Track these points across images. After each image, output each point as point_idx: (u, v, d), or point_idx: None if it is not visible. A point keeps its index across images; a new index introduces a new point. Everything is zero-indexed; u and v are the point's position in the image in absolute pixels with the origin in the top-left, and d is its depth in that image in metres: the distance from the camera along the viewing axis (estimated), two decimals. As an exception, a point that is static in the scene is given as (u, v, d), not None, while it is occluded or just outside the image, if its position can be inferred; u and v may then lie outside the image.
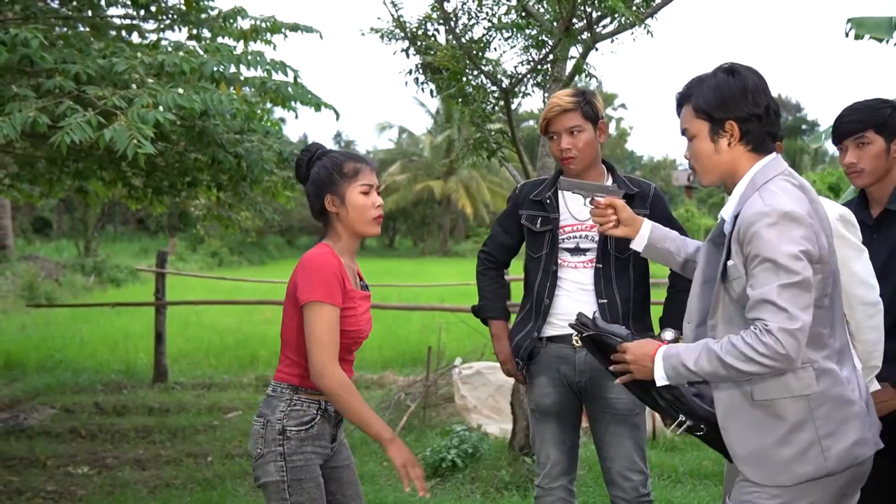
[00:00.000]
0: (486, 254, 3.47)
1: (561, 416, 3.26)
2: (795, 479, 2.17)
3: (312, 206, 2.70)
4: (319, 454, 2.64)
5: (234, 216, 7.33)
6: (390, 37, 5.35)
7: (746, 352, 2.08)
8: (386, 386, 8.42)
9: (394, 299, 13.19)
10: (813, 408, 2.16)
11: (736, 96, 2.25)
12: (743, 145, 2.28)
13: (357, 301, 2.64)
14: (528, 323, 3.27)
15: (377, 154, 42.93)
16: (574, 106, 3.15)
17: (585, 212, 3.17)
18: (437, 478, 5.32)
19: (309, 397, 2.63)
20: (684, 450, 5.96)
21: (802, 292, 2.07)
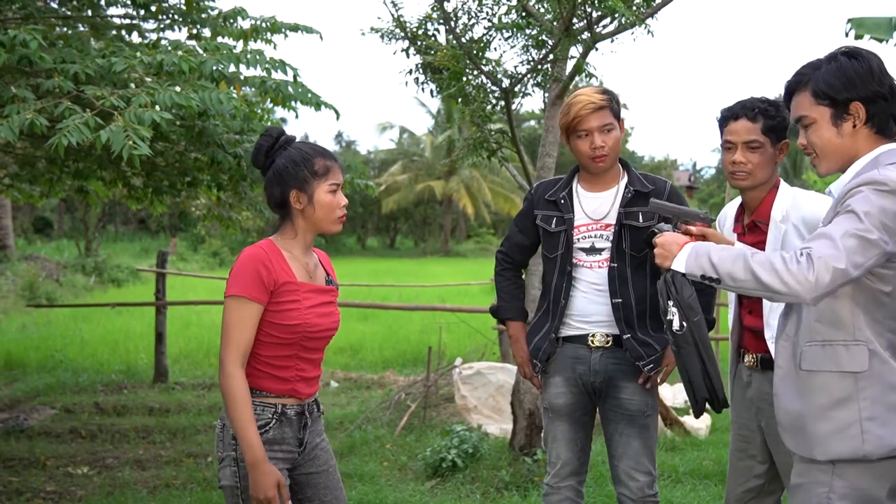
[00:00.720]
0: (503, 254, 3.45)
1: (574, 417, 3.26)
2: (827, 455, 2.16)
3: (271, 197, 2.58)
4: (280, 459, 2.52)
5: (234, 216, 7.33)
6: (390, 37, 5.36)
7: (776, 263, 2.04)
8: (386, 386, 8.42)
9: (394, 299, 13.21)
10: (860, 388, 2.13)
11: (862, 76, 2.19)
12: (868, 128, 2.21)
13: (302, 294, 2.53)
14: (546, 323, 3.26)
15: (378, 154, 42.93)
16: (605, 103, 3.13)
17: (600, 210, 3.18)
18: (437, 478, 5.31)
19: (263, 401, 2.52)
20: (685, 450, 5.95)
21: (867, 249, 2.02)
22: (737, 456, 3.05)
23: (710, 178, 49.97)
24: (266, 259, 2.48)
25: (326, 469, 2.69)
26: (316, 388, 2.66)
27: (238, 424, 2.40)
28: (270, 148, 2.59)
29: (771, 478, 2.99)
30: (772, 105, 2.91)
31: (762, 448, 2.97)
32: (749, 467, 3.00)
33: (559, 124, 3.20)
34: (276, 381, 2.54)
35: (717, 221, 3.24)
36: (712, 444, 6.10)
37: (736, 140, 2.91)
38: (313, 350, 2.60)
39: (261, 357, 2.52)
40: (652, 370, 3.13)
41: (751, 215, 2.98)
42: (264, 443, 2.46)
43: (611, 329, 3.15)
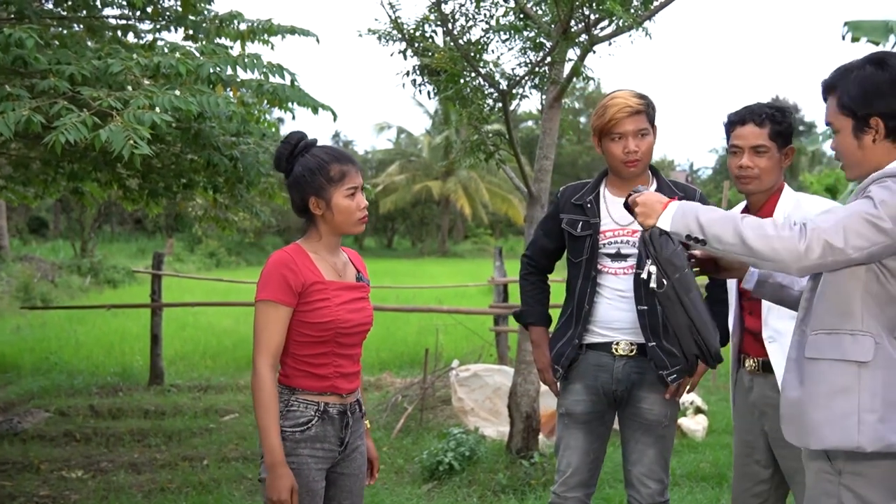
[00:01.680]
0: (528, 258, 3.42)
1: (590, 426, 3.22)
2: (821, 444, 2.14)
3: (293, 203, 2.68)
4: (321, 458, 2.60)
5: (231, 217, 7.30)
6: (388, 38, 5.34)
7: (767, 228, 2.02)
8: (383, 388, 8.40)
9: (392, 300, 13.18)
10: (862, 378, 2.10)
11: (882, 90, 2.15)
12: (889, 142, 2.18)
13: (332, 292, 2.60)
14: (569, 329, 3.22)
15: (376, 154, 42.91)
16: (642, 108, 3.10)
17: (627, 217, 3.13)
18: (433, 481, 5.30)
19: (306, 398, 2.59)
20: (682, 452, 5.94)
21: (872, 234, 1.98)
22: (741, 462, 3.04)
23: (707, 178, 49.99)
24: (291, 262, 2.56)
25: (357, 475, 2.75)
26: (356, 384, 2.72)
27: (262, 424, 2.48)
28: (290, 154, 2.64)
29: (777, 483, 2.98)
30: (779, 111, 2.92)
31: (766, 453, 2.95)
32: (754, 473, 2.99)
33: (593, 125, 3.17)
34: (315, 378, 2.60)
35: None
36: (709, 447, 6.10)
37: (743, 144, 2.90)
38: (349, 346, 2.66)
39: (298, 356, 2.60)
40: (675, 380, 3.10)
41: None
42: (307, 439, 2.56)
43: (635, 337, 3.11)
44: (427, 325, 10.87)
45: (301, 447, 2.56)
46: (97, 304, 11.62)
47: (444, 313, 9.65)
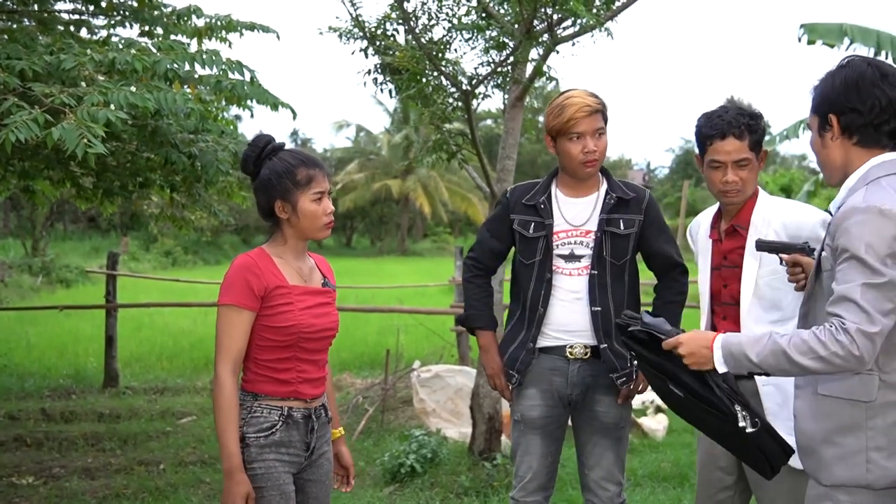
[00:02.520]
0: (473, 260, 3.33)
1: (547, 430, 3.19)
2: (831, 480, 2.15)
3: (259, 206, 2.65)
4: (287, 462, 2.56)
5: (187, 216, 7.18)
6: (349, 36, 5.29)
7: (817, 349, 2.02)
8: (343, 389, 8.33)
9: (351, 301, 13.10)
10: (869, 416, 2.10)
11: (836, 88, 2.18)
12: (847, 139, 2.19)
13: (295, 296, 2.57)
14: (521, 333, 3.17)
15: (335, 152, 42.69)
16: (600, 107, 3.08)
17: (580, 217, 3.12)
18: (395, 483, 5.26)
19: (269, 403, 2.56)
20: (643, 452, 5.97)
21: (887, 294, 2.00)
22: (705, 468, 3.03)
23: (664, 177, 50.63)
24: (254, 266, 2.54)
25: (324, 481, 2.71)
26: (321, 389, 2.68)
27: (220, 430, 2.45)
28: (257, 157, 2.62)
29: (741, 490, 2.97)
30: (753, 118, 2.89)
31: (730, 459, 2.94)
32: (718, 479, 2.98)
33: (548, 125, 3.11)
34: (278, 384, 2.57)
35: (690, 229, 3.22)
36: (670, 446, 6.13)
37: (726, 160, 2.86)
38: (313, 351, 2.63)
39: (260, 362, 2.57)
40: (624, 383, 3.09)
41: (730, 221, 2.96)
42: (272, 444, 2.53)
43: (589, 340, 3.09)
44: (387, 326, 10.81)
45: (267, 452, 2.53)
46: (49, 305, 11.38)
47: (405, 313, 9.61)
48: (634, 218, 3.10)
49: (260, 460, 2.51)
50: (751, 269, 2.85)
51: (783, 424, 2.77)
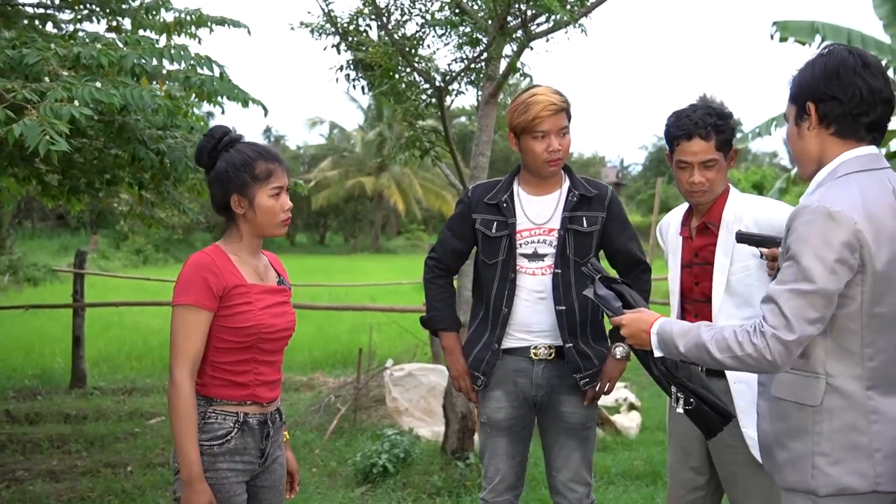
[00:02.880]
0: (435, 260, 3.29)
1: (513, 431, 3.17)
2: (783, 484, 2.14)
3: (213, 200, 2.55)
4: (240, 471, 2.48)
5: (157, 214, 7.06)
6: (321, 32, 5.22)
7: (734, 348, 2.02)
8: (316, 388, 8.28)
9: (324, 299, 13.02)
10: (815, 421, 2.06)
11: (816, 76, 2.11)
12: (824, 129, 2.12)
13: (254, 295, 2.49)
14: (485, 333, 3.14)
15: (308, 150, 42.49)
16: (565, 106, 3.05)
17: (543, 215, 3.10)
18: (367, 483, 5.21)
19: (224, 409, 2.47)
20: (616, 450, 5.97)
21: (814, 303, 1.96)
22: (677, 468, 3.01)
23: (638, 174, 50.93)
24: (212, 264, 2.45)
25: (278, 486, 2.64)
26: (277, 392, 2.61)
27: (179, 437, 2.37)
28: (213, 149, 2.53)
29: (713, 489, 2.96)
30: (721, 118, 2.86)
31: (703, 459, 2.94)
32: (690, 480, 2.97)
33: (511, 123, 3.08)
34: (235, 387, 2.49)
35: (660, 227, 3.20)
36: (643, 444, 6.14)
37: (692, 160, 2.85)
38: (271, 353, 2.55)
39: (217, 364, 2.48)
40: (588, 384, 3.07)
41: (701, 218, 2.94)
42: (226, 452, 2.44)
43: (554, 340, 3.07)
44: (360, 324, 10.75)
45: (219, 461, 2.44)
46: (15, 305, 11.16)
47: (378, 311, 9.56)
48: (597, 215, 3.08)
49: (212, 470, 2.42)
50: (722, 266, 2.84)
51: (753, 422, 2.77)
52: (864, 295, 2.00)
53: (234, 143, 2.54)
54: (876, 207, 2.00)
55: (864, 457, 2.02)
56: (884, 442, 2.02)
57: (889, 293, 2.01)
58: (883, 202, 2.02)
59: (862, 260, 1.98)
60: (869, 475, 2.02)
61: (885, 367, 2.04)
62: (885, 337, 2.03)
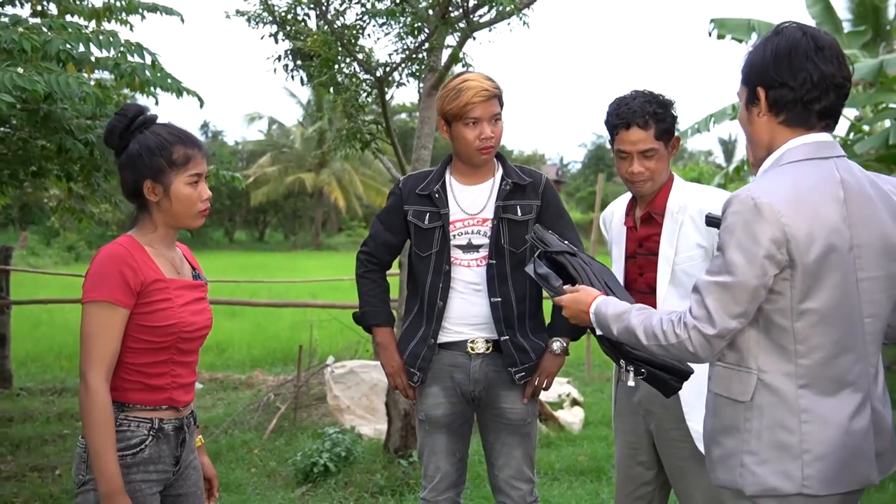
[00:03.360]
0: (367, 255, 3.19)
1: (452, 428, 3.09)
2: (716, 481, 2.09)
3: (124, 184, 2.33)
4: (155, 481, 2.31)
5: (88, 209, 6.82)
6: (257, 20, 5.09)
7: (660, 337, 2.01)
8: (255, 386, 8.12)
9: (263, 295, 12.84)
10: (746, 418, 2.00)
11: (766, 59, 2.01)
12: (774, 117, 2.02)
13: (173, 291, 2.31)
14: (420, 328, 3.06)
15: (246, 145, 41.98)
16: (497, 92, 2.98)
17: (476, 205, 3.03)
18: (308, 483, 5.10)
19: (137, 416, 2.29)
20: (560, 446, 5.95)
21: (735, 297, 1.91)
22: (624, 464, 2.96)
23: (577, 172, 51.49)
24: (129, 257, 2.25)
25: (195, 492, 2.47)
26: (192, 395, 2.44)
27: (95, 447, 2.17)
28: (125, 129, 2.31)
29: (661, 484, 2.93)
30: (661, 106, 2.80)
31: (650, 454, 2.90)
32: (638, 475, 2.93)
33: (441, 109, 2.99)
34: (150, 391, 2.31)
35: (603, 217, 3.15)
36: (587, 439, 6.13)
37: (631, 150, 2.79)
38: (188, 353, 2.39)
39: (130, 366, 2.29)
40: (524, 378, 3.00)
41: (645, 208, 2.89)
42: (139, 463, 2.27)
43: (491, 333, 3.00)
44: (301, 321, 10.61)
45: (133, 472, 2.26)
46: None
47: (319, 308, 9.44)
48: (532, 203, 3.02)
49: (126, 482, 2.21)
50: (667, 257, 2.80)
51: (701, 416, 2.73)
52: (792, 290, 1.92)
53: (149, 123, 2.34)
54: (813, 199, 1.92)
55: (791, 457, 1.95)
56: (814, 443, 1.95)
57: (821, 288, 1.93)
58: (824, 193, 1.95)
59: (790, 255, 1.90)
60: (796, 477, 1.94)
61: (820, 366, 1.96)
62: (819, 333, 1.95)
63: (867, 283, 1.98)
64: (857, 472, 1.98)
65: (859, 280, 1.97)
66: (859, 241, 1.96)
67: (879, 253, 1.99)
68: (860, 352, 1.99)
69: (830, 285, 1.93)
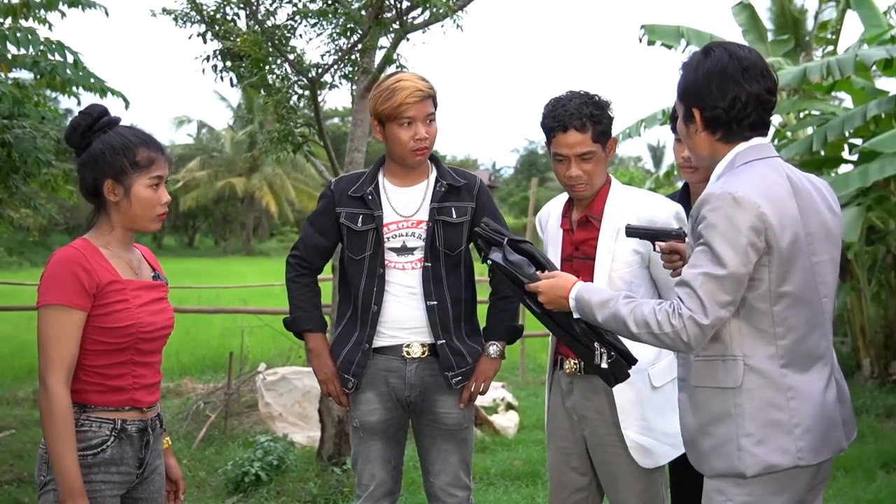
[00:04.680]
0: (297, 258, 3.12)
1: (388, 434, 3.03)
2: (711, 471, 2.16)
3: (83, 183, 2.35)
4: (117, 483, 2.30)
5: (7, 213, 6.57)
6: (185, 20, 4.96)
7: (652, 325, 2.08)
8: (184, 395, 7.96)
9: (193, 302, 12.59)
10: (736, 403, 2.11)
11: (697, 82, 2.17)
12: (710, 134, 2.19)
13: (131, 292, 2.32)
14: (354, 333, 2.99)
15: (175, 149, 41.18)
16: (432, 92, 2.94)
17: (410, 207, 2.99)
18: (239, 493, 4.99)
19: (99, 416, 2.28)
20: (495, 450, 5.94)
21: (725, 287, 2.03)
22: (558, 470, 2.93)
23: (510, 177, 51.87)
24: (83, 259, 2.26)
25: (157, 499, 2.44)
26: (157, 395, 2.44)
27: (56, 450, 2.18)
28: (89, 128, 2.34)
29: (594, 490, 2.91)
30: (597, 107, 2.77)
31: (584, 460, 2.88)
32: (571, 481, 2.90)
33: (375, 109, 2.94)
34: (112, 392, 2.31)
35: (539, 217, 3.13)
36: (521, 443, 6.14)
37: (568, 153, 2.76)
38: (150, 353, 2.39)
39: (90, 368, 2.29)
40: (460, 382, 2.97)
41: (582, 211, 2.87)
42: (100, 463, 2.27)
43: (427, 337, 2.95)
44: (231, 327, 10.42)
45: (94, 473, 2.25)
46: None
47: (250, 314, 9.28)
48: (466, 206, 2.99)
49: (85, 482, 2.21)
50: (604, 262, 2.78)
51: (636, 424, 2.74)
52: (771, 275, 2.07)
53: (113, 125, 2.36)
54: (777, 191, 2.08)
55: (784, 433, 2.09)
56: (802, 417, 2.09)
57: (793, 272, 2.08)
58: (783, 186, 2.11)
59: (767, 242, 2.04)
60: (791, 451, 2.09)
61: (796, 344, 2.11)
62: (794, 314, 2.10)
63: (819, 267, 2.15)
64: (834, 439, 2.16)
65: (814, 264, 2.13)
66: (809, 229, 2.12)
67: (824, 239, 2.16)
68: (823, 329, 2.17)
69: (799, 268, 2.10)
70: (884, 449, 5.77)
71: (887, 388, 7.89)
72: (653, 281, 2.82)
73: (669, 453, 2.78)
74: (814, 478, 2.18)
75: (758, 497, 2.11)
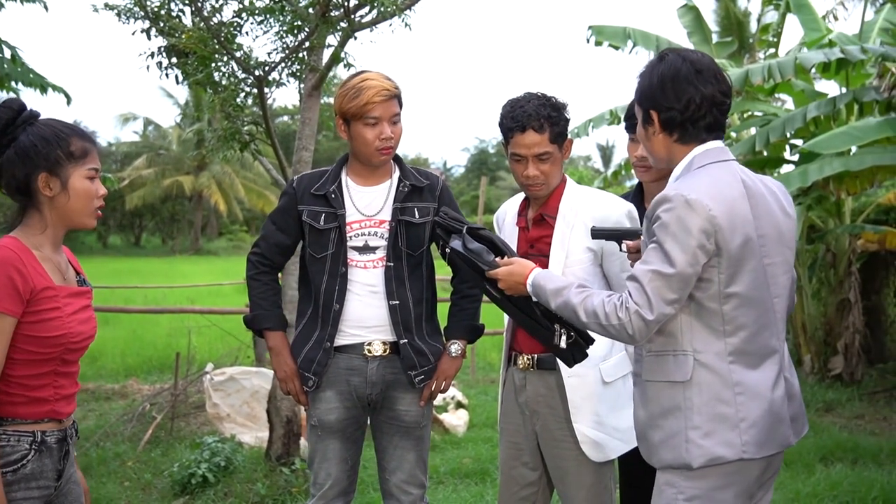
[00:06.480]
0: (258, 256, 3.10)
1: (346, 434, 3.02)
2: (660, 463, 2.22)
3: (12, 180, 2.19)
4: (37, 497, 2.18)
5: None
6: (128, 15, 4.86)
7: (600, 316, 2.16)
8: (129, 396, 7.84)
9: (139, 302, 12.40)
10: (686, 397, 2.17)
11: (653, 86, 2.24)
12: (668, 136, 2.27)
13: (62, 299, 2.19)
14: (315, 331, 2.98)
15: (120, 147, 40.55)
16: (397, 92, 2.94)
17: (373, 206, 3.00)
18: (185, 495, 4.93)
19: (17, 429, 2.15)
20: (445, 449, 5.95)
21: (672, 285, 2.10)
22: (508, 465, 2.97)
23: (460, 176, 51.98)
24: (18, 262, 2.11)
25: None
26: (74, 405, 2.32)
27: None
28: (11, 122, 2.18)
29: (544, 485, 2.95)
30: (555, 109, 2.82)
31: (534, 455, 2.91)
32: (522, 476, 2.93)
33: (341, 108, 2.93)
34: (33, 403, 2.18)
35: (496, 216, 3.16)
36: (471, 441, 6.16)
37: (526, 154, 2.81)
38: (72, 363, 2.27)
39: (11, 379, 2.15)
40: (423, 381, 2.99)
41: (538, 209, 2.91)
42: (20, 479, 2.14)
43: (388, 336, 2.96)
44: (178, 327, 10.28)
45: (13, 490, 2.13)
46: None
47: (197, 314, 9.17)
48: (429, 206, 3.01)
49: (7, 500, 2.12)
50: (558, 259, 2.82)
51: (587, 418, 2.78)
52: (720, 276, 2.14)
53: (34, 118, 2.22)
54: (730, 194, 2.15)
55: (730, 427, 2.15)
56: (748, 412, 2.16)
57: (743, 273, 2.15)
58: (736, 189, 2.17)
59: (717, 244, 2.11)
60: (736, 444, 2.15)
61: (745, 342, 2.18)
62: (743, 314, 2.17)
63: (771, 268, 2.21)
64: (781, 434, 2.22)
65: (766, 265, 2.20)
66: (762, 231, 2.19)
67: (777, 241, 2.23)
68: (773, 328, 2.24)
69: (749, 270, 2.16)
70: (822, 443, 5.92)
71: (826, 383, 8.11)
72: (605, 277, 2.88)
73: (619, 448, 2.82)
74: (763, 472, 2.23)
75: (706, 490, 2.16)
